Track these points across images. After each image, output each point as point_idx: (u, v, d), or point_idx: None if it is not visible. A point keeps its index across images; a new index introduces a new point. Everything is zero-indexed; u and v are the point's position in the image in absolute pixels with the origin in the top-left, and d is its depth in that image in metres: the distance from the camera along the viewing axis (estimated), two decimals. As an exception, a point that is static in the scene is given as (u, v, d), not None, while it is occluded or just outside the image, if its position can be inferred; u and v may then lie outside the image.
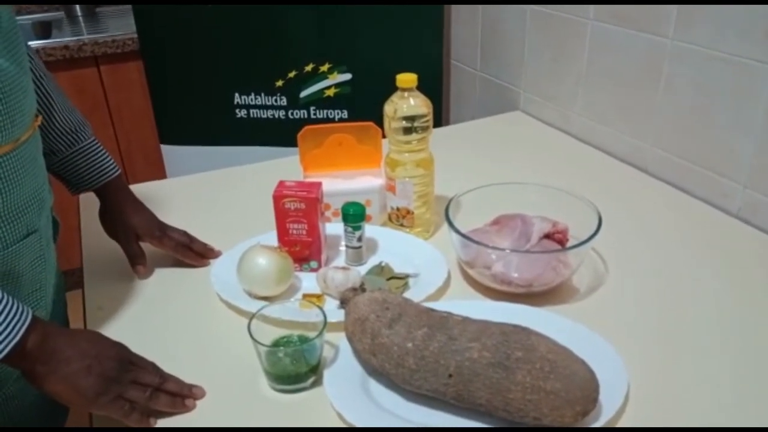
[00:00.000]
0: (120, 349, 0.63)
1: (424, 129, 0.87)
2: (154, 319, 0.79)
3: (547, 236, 0.83)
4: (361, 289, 0.70)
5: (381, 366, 0.64)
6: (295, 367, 0.65)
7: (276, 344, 0.69)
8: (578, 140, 1.25)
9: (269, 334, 0.69)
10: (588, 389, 0.57)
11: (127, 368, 0.62)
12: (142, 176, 1.85)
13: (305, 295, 0.80)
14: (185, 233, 0.89)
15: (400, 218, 0.93)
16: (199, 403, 0.65)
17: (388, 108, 0.87)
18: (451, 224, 0.80)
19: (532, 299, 0.78)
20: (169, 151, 1.75)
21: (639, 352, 0.69)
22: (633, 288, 0.82)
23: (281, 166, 1.18)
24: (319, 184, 0.85)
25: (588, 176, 1.10)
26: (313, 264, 0.86)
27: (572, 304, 0.79)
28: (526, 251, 0.79)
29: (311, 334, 0.68)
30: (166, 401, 0.63)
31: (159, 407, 0.63)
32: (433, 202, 0.94)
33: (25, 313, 0.58)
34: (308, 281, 0.84)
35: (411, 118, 0.86)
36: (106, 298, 0.83)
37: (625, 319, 0.76)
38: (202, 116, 1.68)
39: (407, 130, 0.87)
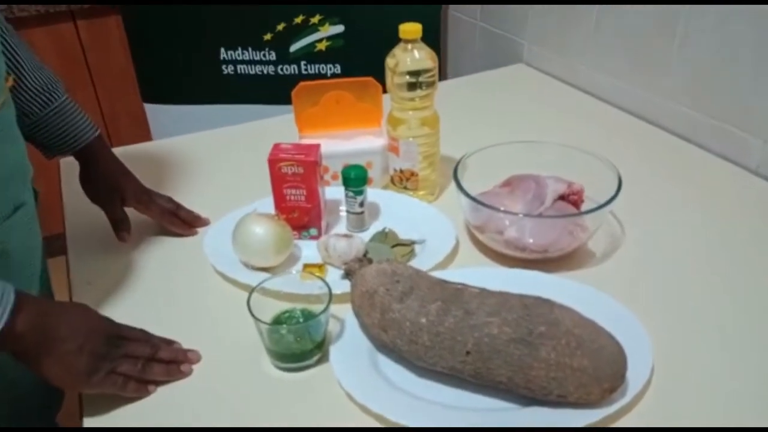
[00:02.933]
0: (108, 323, 0.60)
1: (430, 85, 0.81)
2: (147, 295, 0.74)
3: (562, 198, 0.78)
4: (367, 259, 0.65)
5: (392, 342, 0.59)
6: (299, 344, 0.61)
7: (278, 320, 0.64)
8: (587, 94, 1.18)
9: (270, 308, 0.65)
10: (617, 365, 0.54)
11: (117, 343, 0.59)
12: (127, 139, 1.76)
13: (306, 266, 0.76)
14: (171, 200, 0.84)
15: (403, 181, 0.87)
16: (198, 383, 0.61)
17: (390, 62, 0.80)
18: (460, 187, 0.75)
19: (546, 265, 0.74)
20: (153, 111, 1.67)
21: (660, 318, 0.66)
22: (651, 249, 0.77)
23: (274, 126, 1.11)
24: (318, 146, 0.79)
25: (598, 132, 1.05)
26: (313, 231, 0.81)
27: (588, 269, 0.75)
28: (541, 215, 0.74)
29: (315, 307, 0.63)
30: (160, 370, 0.60)
31: (153, 377, 0.60)
32: (438, 163, 0.88)
33: (7, 293, 0.53)
34: (308, 249, 0.79)
35: (415, 73, 0.79)
36: (93, 271, 0.77)
37: (645, 283, 0.72)
38: (186, 73, 1.59)
39: (411, 86, 0.80)
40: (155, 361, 0.60)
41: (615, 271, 0.74)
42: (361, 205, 0.81)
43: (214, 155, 1.04)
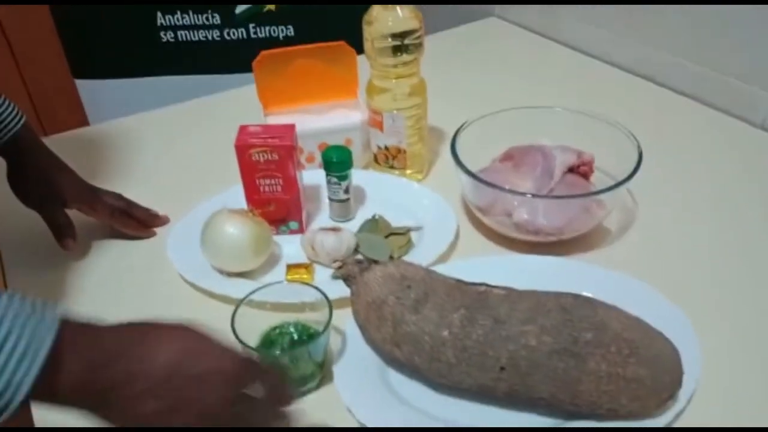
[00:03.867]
0: (234, 362, 0.41)
1: (416, 47, 0.70)
2: (101, 313, 0.62)
3: (571, 170, 0.70)
4: (367, 260, 0.56)
5: (408, 359, 0.51)
6: (297, 369, 0.52)
7: (268, 340, 0.54)
8: (570, 48, 1.09)
9: (256, 324, 0.55)
10: (675, 371, 0.47)
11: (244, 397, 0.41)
12: (60, 123, 1.58)
13: (290, 267, 0.65)
14: (120, 196, 0.71)
15: (389, 159, 0.77)
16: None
17: (370, 25, 0.69)
18: (460, 164, 0.66)
19: (559, 248, 0.66)
20: (86, 88, 1.49)
21: (697, 300, 0.59)
22: (668, 221, 0.71)
23: (231, 100, 0.98)
24: (293, 128, 0.67)
25: (587, 89, 0.97)
26: (293, 225, 0.70)
27: (606, 249, 0.67)
28: (554, 194, 0.65)
29: (308, 318, 0.54)
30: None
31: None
32: (427, 137, 0.79)
33: (50, 317, 0.36)
34: (289, 246, 0.69)
35: (400, 35, 0.69)
36: (32, 286, 0.65)
37: (670, 260, 0.65)
38: (119, 42, 1.42)
39: (395, 50, 0.69)
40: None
41: (635, 250, 0.67)
42: (347, 191, 0.71)
43: (166, 139, 0.91)
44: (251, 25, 1.41)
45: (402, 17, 0.68)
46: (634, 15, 0.98)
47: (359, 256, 0.67)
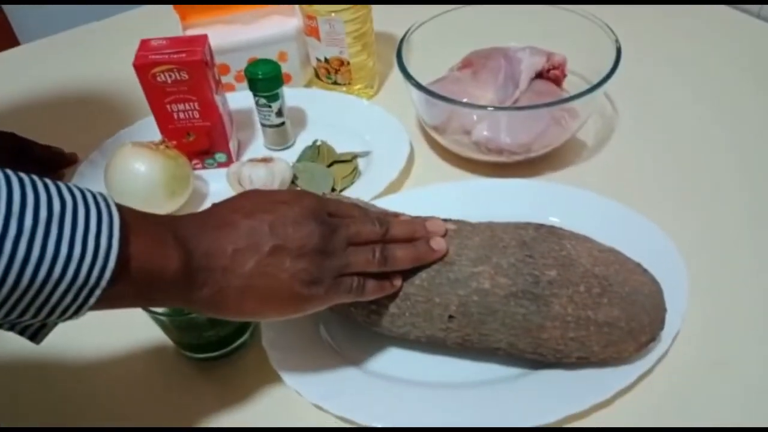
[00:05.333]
0: (307, 202, 0.38)
1: (351, -68, 0.58)
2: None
3: (539, 75, 0.60)
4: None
5: (344, 311, 0.43)
6: (216, 330, 0.44)
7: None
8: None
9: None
10: (655, 310, 0.39)
11: (331, 226, 0.38)
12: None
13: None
14: (15, 136, 0.61)
15: (331, 73, 0.66)
16: (91, 398, 0.44)
17: None
18: (407, 74, 0.56)
19: (526, 167, 0.57)
20: (15, 12, 1.34)
21: (680, 223, 0.51)
22: (652, 130, 0.62)
23: (146, 17, 0.85)
24: (204, 38, 0.56)
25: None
26: (221, 157, 0.61)
27: (580, 166, 0.59)
28: (518, 105, 0.56)
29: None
30: (405, 255, 0.39)
31: (398, 267, 0.39)
32: (374, 45, 0.67)
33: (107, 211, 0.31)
34: (217, 182, 0.59)
35: None
36: None
37: (654, 177, 0.57)
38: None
39: (325, -62, 0.57)
40: (389, 242, 0.40)
41: (615, 166, 0.58)
42: (279, 113, 0.61)
43: (62, 64, 0.79)
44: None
45: None
46: None
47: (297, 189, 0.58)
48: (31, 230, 0.28)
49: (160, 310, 0.42)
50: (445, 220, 0.43)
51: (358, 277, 0.38)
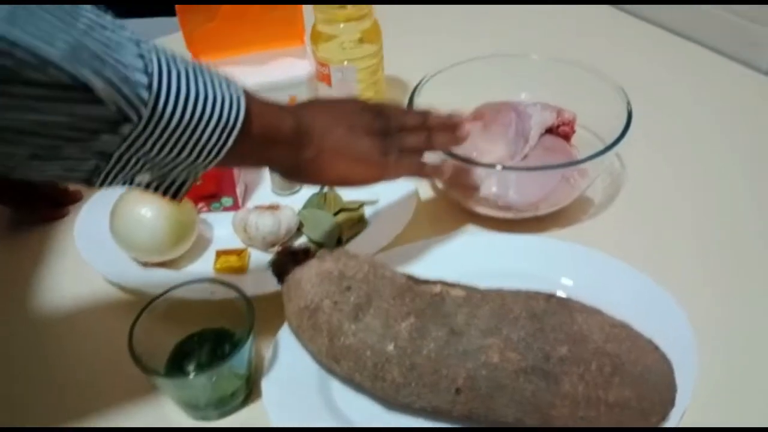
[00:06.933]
0: (361, 100, 0.49)
1: (366, -16, 0.58)
2: (6, 311, 0.53)
3: (549, 131, 0.60)
4: (303, 250, 0.46)
5: (348, 375, 0.42)
6: (218, 389, 0.43)
7: (181, 352, 0.45)
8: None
9: (172, 331, 0.46)
10: (667, 390, 0.39)
11: (382, 115, 0.47)
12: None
13: (220, 253, 0.56)
14: None
15: (340, 119, 0.66)
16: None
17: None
18: (418, 129, 0.55)
19: (534, 222, 0.57)
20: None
21: (689, 287, 0.50)
22: (662, 187, 0.61)
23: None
24: (217, 85, 0.56)
25: (568, 30, 0.85)
26: (227, 201, 0.60)
27: (588, 223, 0.58)
28: (527, 166, 0.56)
29: (235, 321, 0.45)
30: (444, 139, 0.50)
31: (441, 147, 0.51)
32: (384, 90, 0.68)
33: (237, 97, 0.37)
34: (222, 226, 0.59)
35: (345, -31, 0.57)
36: None
37: (663, 236, 0.56)
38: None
39: (340, -12, 0.58)
40: (432, 130, 0.49)
41: (623, 223, 0.58)
42: (288, 160, 0.60)
43: None
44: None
45: (346, -54, 0.56)
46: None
47: (303, 240, 0.57)
48: (186, 73, 0.34)
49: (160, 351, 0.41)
50: (453, 285, 0.43)
51: (417, 157, 0.49)
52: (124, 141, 0.33)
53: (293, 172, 0.44)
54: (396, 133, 0.47)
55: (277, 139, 0.40)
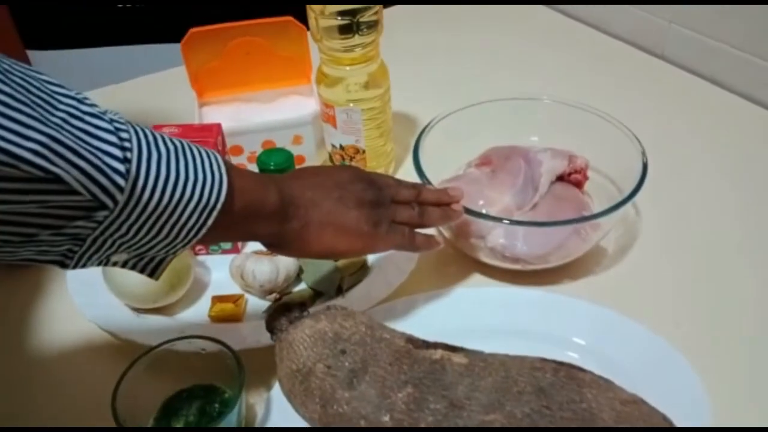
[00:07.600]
0: (353, 169, 0.48)
1: (372, 27, 0.57)
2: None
3: (560, 178, 0.57)
4: (299, 307, 0.44)
5: (343, 444, 0.40)
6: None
7: (170, 409, 0.43)
8: (566, 16, 0.95)
9: (160, 386, 0.44)
10: (682, 476, 0.36)
11: (375, 186, 0.46)
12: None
13: (216, 299, 0.54)
14: None
15: (346, 160, 0.65)
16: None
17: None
18: (423, 176, 0.54)
19: (543, 275, 0.55)
20: (41, 60, 1.36)
21: (707, 347, 0.48)
22: (679, 238, 0.59)
23: (166, 83, 0.85)
24: (218, 128, 0.55)
25: (586, 67, 0.83)
26: (225, 244, 0.59)
27: (601, 277, 0.56)
28: (539, 223, 0.53)
29: (226, 377, 0.43)
30: (436, 214, 0.49)
31: (432, 223, 0.50)
32: (391, 131, 0.66)
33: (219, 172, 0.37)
34: (219, 270, 0.57)
35: (351, 12, 0.55)
36: None
37: (681, 290, 0.53)
38: (74, 8, 1.28)
39: (345, 30, 0.56)
40: (425, 204, 0.49)
41: (637, 276, 0.55)
42: (289, 203, 0.59)
43: None
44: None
45: (353, -11, 0.55)
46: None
47: (302, 286, 0.55)
48: (167, 155, 0.34)
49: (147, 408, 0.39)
50: (455, 349, 0.40)
51: (409, 229, 0.47)
52: (99, 225, 0.32)
53: (278, 244, 0.43)
54: (388, 205, 0.46)
55: (261, 213, 0.40)
